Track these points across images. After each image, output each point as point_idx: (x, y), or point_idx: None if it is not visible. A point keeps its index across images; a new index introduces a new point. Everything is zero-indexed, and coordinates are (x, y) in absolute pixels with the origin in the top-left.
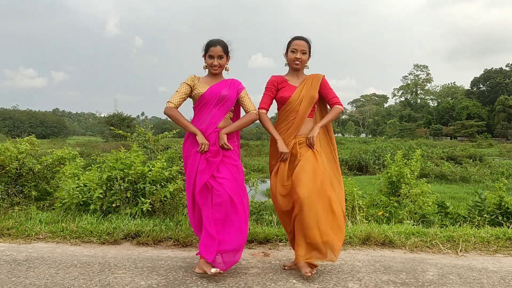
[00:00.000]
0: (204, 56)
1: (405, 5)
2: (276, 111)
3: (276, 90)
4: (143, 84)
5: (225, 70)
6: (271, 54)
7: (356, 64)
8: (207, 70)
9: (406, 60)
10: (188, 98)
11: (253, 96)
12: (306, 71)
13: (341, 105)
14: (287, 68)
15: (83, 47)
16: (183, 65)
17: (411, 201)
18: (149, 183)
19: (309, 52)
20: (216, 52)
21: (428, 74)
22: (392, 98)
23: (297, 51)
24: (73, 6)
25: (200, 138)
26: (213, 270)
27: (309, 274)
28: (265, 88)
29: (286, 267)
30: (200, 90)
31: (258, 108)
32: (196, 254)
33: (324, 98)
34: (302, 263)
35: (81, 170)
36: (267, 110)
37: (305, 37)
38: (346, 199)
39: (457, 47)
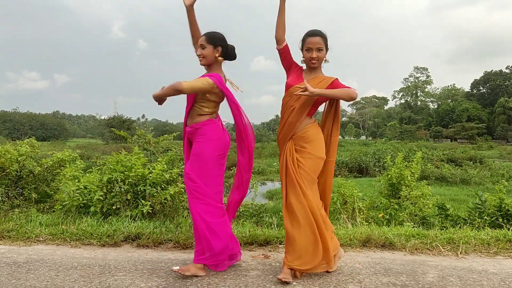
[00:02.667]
0: None
1: (407, 8)
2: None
3: (292, 65)
4: (145, 86)
5: (219, 62)
6: (274, 57)
7: (357, 67)
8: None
9: (408, 62)
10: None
11: (255, 98)
12: (326, 67)
13: (354, 90)
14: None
15: (87, 50)
16: (185, 67)
17: (412, 203)
18: (150, 185)
19: (326, 46)
20: (200, 41)
21: (428, 76)
22: (392, 100)
23: (312, 49)
24: (77, 10)
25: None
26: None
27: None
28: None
29: None
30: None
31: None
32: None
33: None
34: None
35: (81, 173)
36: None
37: (320, 31)
38: (346, 201)
39: (459, 50)
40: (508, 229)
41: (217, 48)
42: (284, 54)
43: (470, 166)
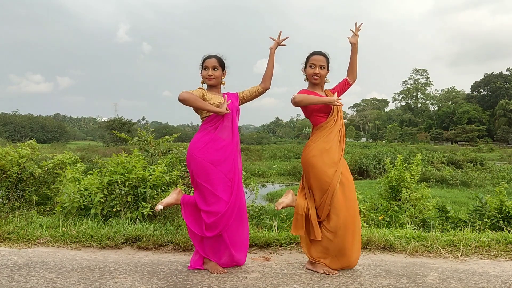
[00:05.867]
0: (201, 71)
1: (410, 11)
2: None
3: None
4: (147, 89)
5: (222, 84)
6: (277, 59)
7: (359, 69)
8: (204, 85)
9: (410, 65)
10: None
11: (256, 100)
12: (327, 85)
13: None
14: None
15: (91, 53)
16: (185, 69)
17: (412, 206)
18: (150, 187)
19: (328, 66)
20: (211, 63)
21: (427, 78)
22: (392, 102)
23: (316, 66)
24: (83, 13)
25: (224, 107)
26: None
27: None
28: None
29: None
30: (218, 101)
31: (292, 99)
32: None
33: (342, 89)
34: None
35: (81, 175)
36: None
37: (323, 52)
38: None
39: (461, 52)
40: (509, 231)
41: (224, 71)
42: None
43: (471, 168)
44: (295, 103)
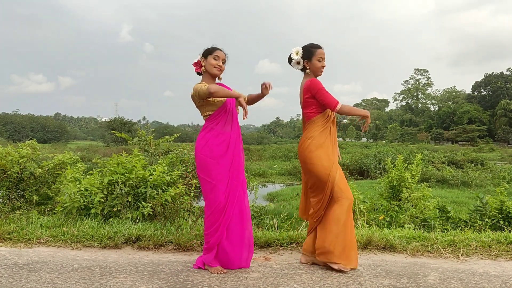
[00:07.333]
0: (205, 57)
1: (412, 11)
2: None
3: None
4: (148, 89)
5: (219, 79)
6: (278, 60)
7: (361, 70)
8: (199, 77)
9: (411, 65)
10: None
11: (259, 100)
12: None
13: None
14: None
15: (93, 54)
16: (188, 70)
17: (412, 206)
18: (150, 187)
19: None
20: (222, 55)
21: (428, 78)
22: (393, 102)
23: (323, 59)
24: (87, 15)
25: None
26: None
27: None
28: (322, 88)
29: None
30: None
31: (335, 103)
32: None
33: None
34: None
35: (82, 175)
36: None
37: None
38: None
39: (462, 52)
40: (509, 231)
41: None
42: None
43: (471, 168)
44: (342, 113)
